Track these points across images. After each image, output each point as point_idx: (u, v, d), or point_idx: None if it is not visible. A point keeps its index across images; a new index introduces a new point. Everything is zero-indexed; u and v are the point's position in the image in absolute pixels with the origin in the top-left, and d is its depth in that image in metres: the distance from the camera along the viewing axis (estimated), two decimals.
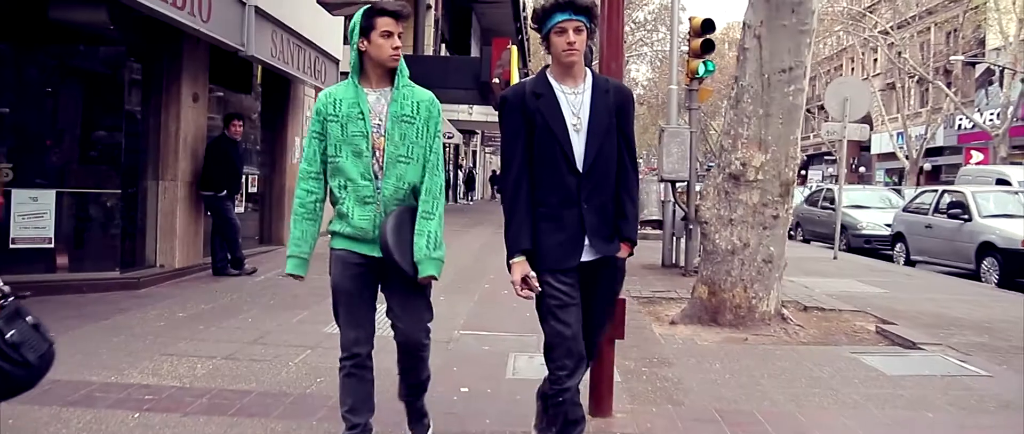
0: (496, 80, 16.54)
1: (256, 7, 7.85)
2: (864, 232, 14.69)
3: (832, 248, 12.87)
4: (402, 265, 2.89)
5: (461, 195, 32.50)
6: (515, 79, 15.76)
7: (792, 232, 18.92)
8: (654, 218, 14.09)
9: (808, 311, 7.18)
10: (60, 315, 5.63)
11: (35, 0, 6.73)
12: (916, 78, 34.27)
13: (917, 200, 13.10)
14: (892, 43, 34.55)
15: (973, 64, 33.74)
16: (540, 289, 2.82)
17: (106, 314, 5.88)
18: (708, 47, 9.16)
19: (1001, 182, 14.80)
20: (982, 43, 33.23)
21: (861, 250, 14.35)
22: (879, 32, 34.46)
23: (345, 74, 3.06)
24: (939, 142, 36.19)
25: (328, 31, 10.62)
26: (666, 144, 9.05)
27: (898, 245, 12.81)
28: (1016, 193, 12.06)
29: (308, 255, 3.00)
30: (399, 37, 2.90)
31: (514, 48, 16.74)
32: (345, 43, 8.30)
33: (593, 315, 3.00)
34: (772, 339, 5.91)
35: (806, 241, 17.22)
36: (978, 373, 4.92)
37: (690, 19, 9.45)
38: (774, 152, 6.11)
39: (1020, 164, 29.14)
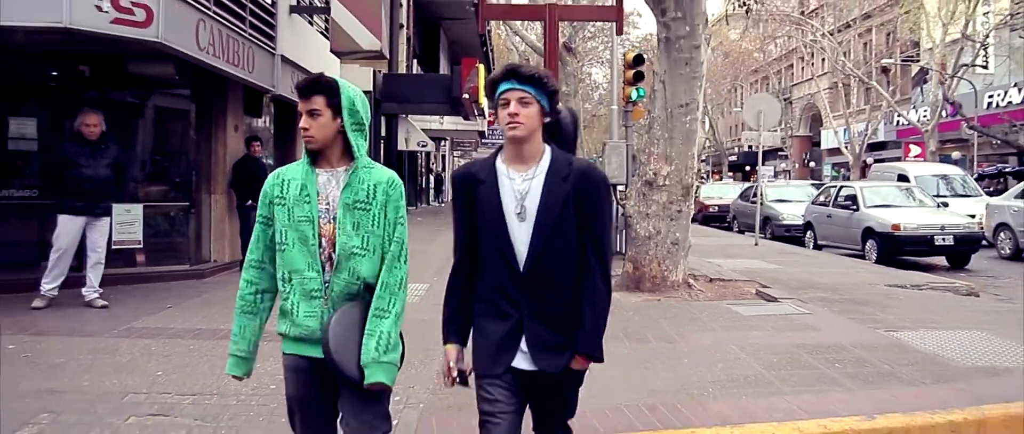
0: (466, 96, 18.95)
1: (282, 56, 10.17)
2: (785, 222, 17.40)
3: (772, 237, 15.58)
4: (346, 371, 2.56)
5: (432, 198, 34.93)
6: (483, 94, 18.19)
7: (730, 223, 21.66)
8: None
9: (713, 282, 9.68)
10: (161, 295, 7.94)
11: (118, 57, 8.94)
12: (866, 75, 37.21)
13: (822, 194, 15.82)
14: (838, 44, 37.56)
15: (910, 62, 36.85)
16: (462, 384, 2.62)
17: (197, 293, 8.20)
18: (639, 77, 11.65)
19: (902, 178, 17.60)
20: (917, 45, 36.28)
21: (783, 238, 17.07)
22: (820, 35, 37.42)
23: None
24: (881, 137, 39.33)
25: (332, 65, 12.93)
26: (607, 155, 11.54)
27: (808, 232, 15.52)
28: (902, 187, 14.85)
29: (247, 353, 2.75)
30: (310, 115, 2.59)
31: (481, 67, 19.16)
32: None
33: (544, 428, 2.79)
34: (678, 300, 8.39)
35: (741, 232, 19.88)
36: (803, 312, 7.47)
37: (624, 54, 11.93)
38: (677, 165, 8.61)
39: (949, 160, 32.36)
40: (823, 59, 45.14)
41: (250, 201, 9.78)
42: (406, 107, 20.98)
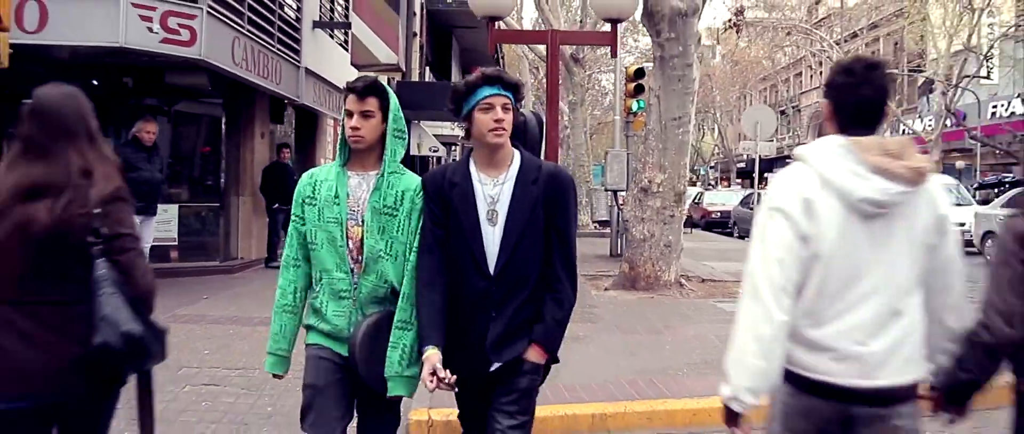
0: (462, 123, 19.74)
1: (306, 68, 11.01)
2: None
3: None
4: (369, 380, 2.66)
5: None
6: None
7: (731, 229, 22.43)
8: (603, 219, 17.47)
9: (704, 282, 10.43)
10: (196, 288, 8.77)
11: (157, 69, 9.77)
12: None
13: None
14: (845, 54, 38.23)
15: (916, 73, 37.48)
16: (451, 385, 2.55)
17: (228, 287, 9.02)
18: (639, 89, 12.43)
19: None
20: (923, 54, 36.91)
21: None
22: (827, 45, 38.12)
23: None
24: None
25: (341, 69, 13.77)
26: (609, 163, 12.33)
27: None
28: None
29: (286, 352, 2.80)
30: (363, 116, 2.63)
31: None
32: None
33: (507, 418, 2.61)
34: (670, 298, 9.15)
35: (741, 237, 20.61)
36: None
37: (626, 68, 12.72)
38: (670, 173, 9.37)
39: (952, 169, 32.93)
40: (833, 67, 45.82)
41: (277, 204, 10.60)
42: (419, 113, 21.74)
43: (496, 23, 8.50)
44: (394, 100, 2.72)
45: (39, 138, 2.29)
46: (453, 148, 37.47)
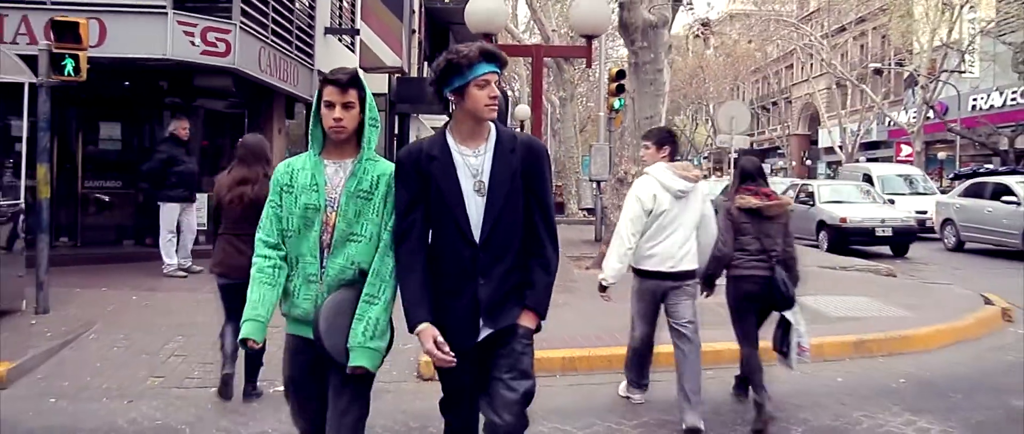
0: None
1: (319, 70, 12.33)
2: None
3: None
4: (332, 352, 2.72)
5: None
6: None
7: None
8: (589, 207, 18.86)
9: None
10: None
11: (186, 72, 11.07)
12: (857, 77, 39.09)
13: (786, 192, 17.92)
14: (832, 47, 39.57)
15: (901, 65, 38.74)
16: (453, 360, 2.68)
17: None
18: (621, 89, 13.75)
19: (866, 177, 19.69)
20: (909, 48, 38.17)
21: None
22: (815, 39, 39.39)
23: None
24: (874, 137, 41.33)
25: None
26: (594, 155, 13.68)
27: None
28: (854, 185, 16.99)
29: (264, 319, 2.83)
30: (345, 107, 2.74)
31: None
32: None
33: (497, 409, 2.75)
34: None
35: None
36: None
37: (609, 69, 14.05)
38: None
39: (935, 160, 34.28)
40: (822, 61, 47.33)
41: None
42: (418, 107, 23.07)
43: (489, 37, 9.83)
44: (369, 90, 2.86)
45: (246, 157, 5.15)
46: None
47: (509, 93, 18.04)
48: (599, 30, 10.30)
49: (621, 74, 13.77)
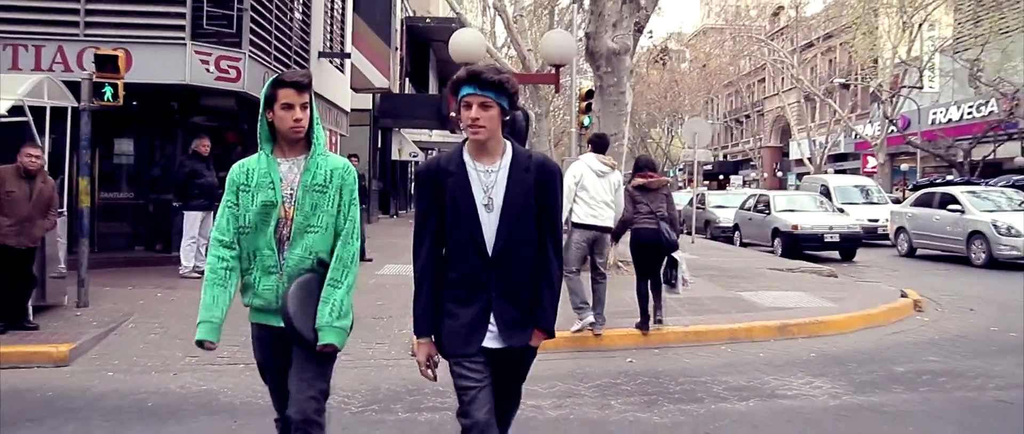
0: (454, 113, 22.40)
1: (315, 92, 13.56)
2: (722, 224, 21.00)
3: (712, 237, 19.26)
4: (302, 333, 2.94)
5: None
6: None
7: (681, 226, 25.25)
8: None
9: None
10: None
11: (194, 93, 12.27)
12: (824, 91, 40.76)
13: (747, 201, 19.41)
14: (800, 62, 41.28)
15: (868, 80, 40.48)
16: (433, 377, 2.93)
17: None
18: (590, 108, 15.05)
19: (824, 188, 21.21)
20: (876, 62, 39.92)
21: (720, 237, 20.67)
22: (783, 55, 41.11)
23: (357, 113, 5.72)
24: (842, 149, 43.05)
25: (340, 90, 16.36)
26: (565, 167, 14.94)
27: (736, 232, 19.10)
28: (807, 195, 18.49)
29: (218, 321, 3.03)
30: (303, 108, 2.97)
31: None
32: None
33: (502, 399, 3.01)
34: (608, 276, 11.82)
35: (689, 233, 23.38)
36: (692, 281, 10.93)
37: (579, 89, 15.37)
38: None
39: (898, 171, 35.88)
40: (791, 75, 49.09)
41: None
42: (400, 122, 24.41)
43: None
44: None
45: None
46: (430, 152, 40.06)
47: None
48: (566, 59, 11.64)
49: (590, 94, 15.09)
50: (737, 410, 5.49)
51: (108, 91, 8.26)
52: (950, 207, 15.93)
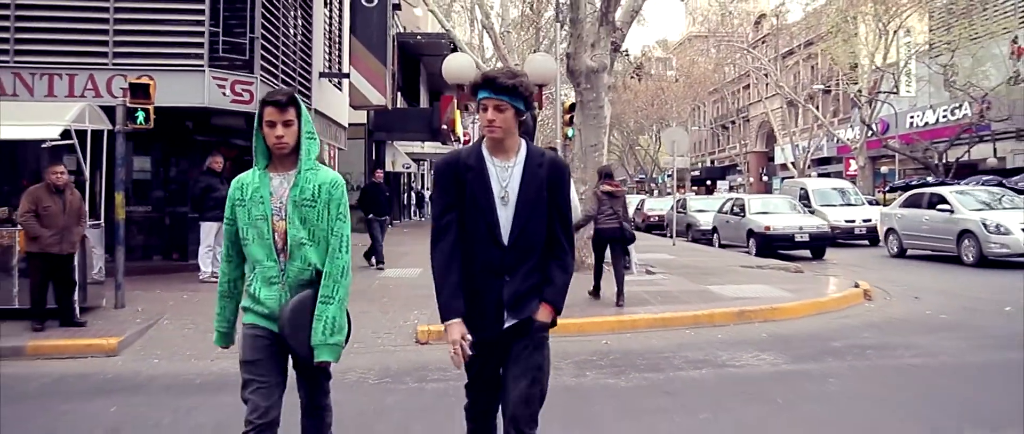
0: (445, 126, 23.59)
1: (316, 109, 14.72)
2: (702, 227, 22.21)
3: (693, 240, 20.50)
4: (298, 350, 3.13)
5: (413, 212, 39.60)
6: (458, 127, 22.78)
7: (665, 230, 26.45)
8: None
9: None
10: None
11: (205, 113, 13.35)
12: (804, 98, 42.09)
13: (724, 205, 20.64)
14: (782, 69, 42.64)
15: (849, 85, 41.81)
16: (466, 357, 3.01)
17: None
18: (573, 120, 16.24)
19: (803, 191, 22.39)
20: (854, 68, 41.24)
21: (700, 239, 21.88)
22: (766, 62, 42.46)
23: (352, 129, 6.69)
24: (825, 153, 44.41)
25: (339, 107, 17.52)
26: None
27: (715, 234, 20.32)
28: (780, 199, 19.73)
29: (228, 328, 3.39)
30: (285, 125, 3.08)
31: (456, 103, 23.80)
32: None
33: (517, 387, 3.11)
34: (585, 273, 12.95)
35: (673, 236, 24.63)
36: (663, 278, 12.13)
37: (563, 102, 16.52)
38: (589, 184, 13.18)
39: (878, 174, 37.11)
40: (773, 82, 50.43)
41: (371, 215, 13.64)
42: (393, 135, 25.57)
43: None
44: (304, 107, 3.22)
45: None
46: (422, 164, 41.26)
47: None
48: (548, 80, 12.85)
49: (573, 107, 16.29)
50: (691, 376, 6.65)
51: (140, 115, 9.37)
52: (939, 207, 16.14)
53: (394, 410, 5.72)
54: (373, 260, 13.81)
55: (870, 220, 20.82)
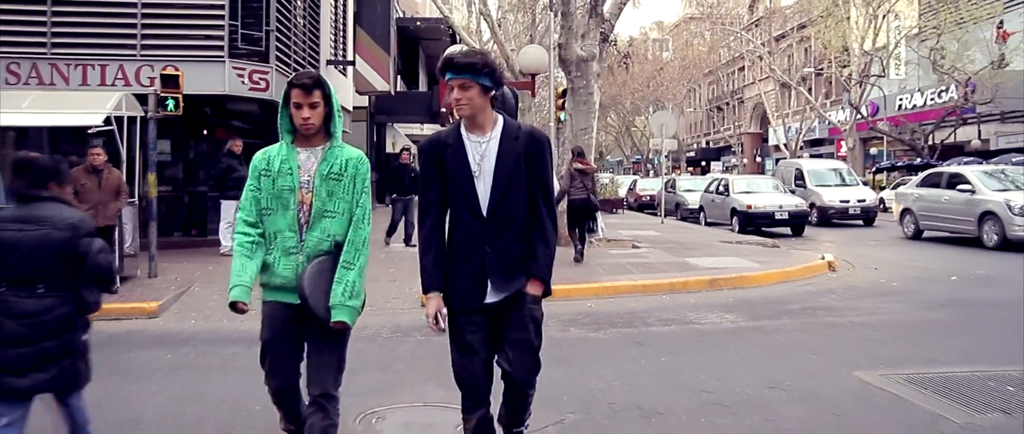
0: (443, 110, 24.61)
1: None
2: (689, 206, 23.37)
3: (681, 218, 21.67)
4: (316, 310, 3.25)
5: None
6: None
7: (656, 209, 27.57)
8: None
9: (609, 241, 15.38)
10: None
11: (222, 99, 14.38)
12: (797, 81, 43.00)
13: (709, 185, 21.76)
14: (770, 52, 43.59)
15: (842, 67, 42.75)
16: (445, 329, 3.27)
17: None
18: (565, 104, 17.31)
19: (798, 171, 22.83)
20: (845, 51, 42.14)
21: (688, 218, 23.04)
22: (758, 45, 43.41)
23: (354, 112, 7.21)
24: (818, 135, 45.43)
25: (344, 92, 18.55)
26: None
27: (701, 213, 21.46)
28: (762, 179, 20.84)
29: (248, 284, 3.35)
30: (311, 107, 3.25)
31: None
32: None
33: (510, 360, 3.30)
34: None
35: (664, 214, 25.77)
36: (646, 251, 13.26)
37: (556, 87, 17.55)
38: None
39: (869, 155, 38.14)
40: (766, 64, 51.28)
41: (396, 195, 14.57)
42: (393, 117, 26.61)
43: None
44: (331, 87, 3.36)
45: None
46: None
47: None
48: (540, 69, 13.94)
49: (565, 92, 17.35)
50: (660, 331, 7.79)
51: (170, 103, 10.44)
52: (960, 187, 15.44)
53: (406, 356, 6.83)
54: (410, 240, 14.57)
55: (864, 200, 21.24)
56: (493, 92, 3.26)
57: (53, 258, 3.54)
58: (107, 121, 9.76)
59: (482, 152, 3.27)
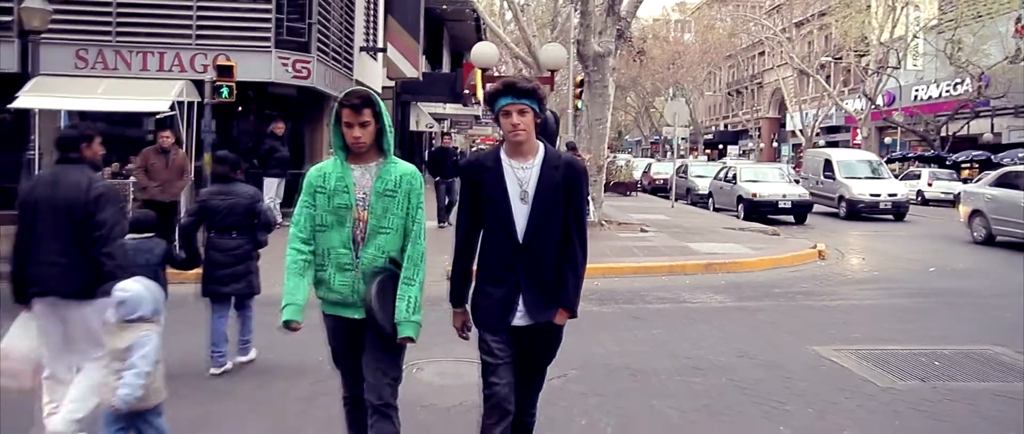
0: (466, 91, 25.82)
1: (357, 80, 17.01)
2: (700, 192, 24.43)
3: (692, 203, 22.83)
4: (384, 327, 3.37)
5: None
6: (480, 92, 24.89)
7: (668, 193, 28.68)
8: None
9: (621, 225, 16.55)
10: None
11: (264, 85, 15.56)
12: (815, 68, 43.69)
13: (719, 172, 22.85)
14: (789, 38, 44.29)
15: (861, 56, 43.32)
16: (467, 337, 3.49)
17: None
18: (582, 95, 18.44)
19: (826, 162, 22.63)
20: (863, 41, 42.68)
21: (697, 203, 24.14)
22: (777, 32, 44.12)
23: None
24: (834, 122, 46.17)
25: (374, 75, 19.76)
26: (559, 145, 18.37)
27: (710, 199, 22.58)
28: (769, 167, 21.87)
29: (301, 304, 3.45)
30: (362, 126, 3.29)
31: (478, 70, 25.94)
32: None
33: (529, 377, 3.52)
34: (592, 232, 15.32)
35: (676, 199, 26.87)
36: (653, 235, 14.46)
37: (574, 76, 18.68)
38: (593, 154, 15.49)
39: (882, 144, 38.92)
40: (783, 51, 51.74)
41: (439, 178, 15.43)
42: (418, 97, 27.84)
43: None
44: (382, 103, 3.45)
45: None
46: (444, 122, 43.55)
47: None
48: (560, 66, 15.14)
49: (582, 83, 18.48)
50: (656, 308, 9.00)
51: (225, 90, 11.70)
52: None
53: (436, 322, 8.07)
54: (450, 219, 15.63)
55: (896, 194, 20.70)
56: (540, 120, 3.42)
57: (240, 215, 6.02)
58: (172, 107, 11.03)
59: (525, 179, 3.37)
